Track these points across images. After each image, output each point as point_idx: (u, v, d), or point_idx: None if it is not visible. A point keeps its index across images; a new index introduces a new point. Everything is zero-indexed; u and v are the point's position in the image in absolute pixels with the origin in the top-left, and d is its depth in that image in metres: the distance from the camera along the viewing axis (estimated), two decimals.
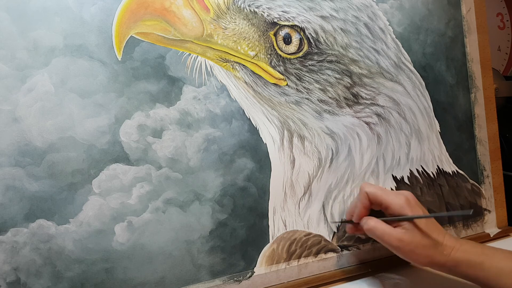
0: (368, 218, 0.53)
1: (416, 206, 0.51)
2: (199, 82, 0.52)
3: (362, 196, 0.53)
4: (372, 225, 0.51)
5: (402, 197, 0.52)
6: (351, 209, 0.55)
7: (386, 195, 0.52)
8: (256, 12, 0.54)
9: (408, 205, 0.51)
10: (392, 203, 0.51)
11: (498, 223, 0.71)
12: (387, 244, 0.51)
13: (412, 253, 0.49)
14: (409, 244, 0.49)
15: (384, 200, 0.52)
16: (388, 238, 0.50)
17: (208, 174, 0.52)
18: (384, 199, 0.52)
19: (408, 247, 0.49)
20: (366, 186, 0.54)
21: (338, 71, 0.59)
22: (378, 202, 0.53)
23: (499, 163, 0.72)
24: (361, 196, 0.54)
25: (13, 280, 0.43)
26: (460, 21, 0.71)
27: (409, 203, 0.51)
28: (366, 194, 0.53)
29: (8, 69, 0.43)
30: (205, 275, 0.51)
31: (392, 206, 0.51)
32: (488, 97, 0.72)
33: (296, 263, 0.55)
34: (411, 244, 0.49)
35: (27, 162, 0.43)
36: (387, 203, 0.52)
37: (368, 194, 0.53)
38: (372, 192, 0.53)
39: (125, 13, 0.48)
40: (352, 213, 0.55)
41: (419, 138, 0.65)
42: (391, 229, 0.50)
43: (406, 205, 0.51)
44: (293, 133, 0.57)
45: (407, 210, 0.50)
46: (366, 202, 0.53)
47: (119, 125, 0.48)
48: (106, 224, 0.46)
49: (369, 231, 0.52)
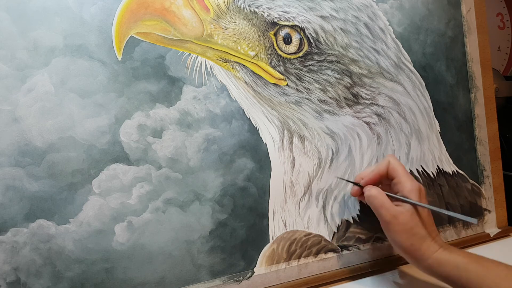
0: (372, 186, 0.53)
1: (423, 198, 0.52)
2: (199, 82, 0.52)
3: (383, 163, 0.54)
4: (374, 193, 0.51)
5: (417, 184, 0.52)
6: (364, 173, 0.55)
7: (404, 174, 0.52)
8: (256, 12, 0.54)
9: (418, 192, 0.51)
10: (406, 182, 0.51)
11: (498, 223, 0.71)
12: (380, 217, 0.51)
13: (398, 233, 0.49)
14: (400, 225, 0.49)
15: (400, 176, 0.52)
16: (384, 211, 0.50)
17: (208, 174, 0.52)
18: (401, 175, 0.52)
19: (398, 227, 0.49)
20: (391, 156, 0.55)
21: (338, 71, 0.59)
22: (393, 175, 0.53)
23: (499, 163, 0.72)
24: (381, 164, 0.54)
25: (13, 280, 0.43)
26: (460, 21, 0.71)
27: (420, 191, 0.51)
28: (388, 162, 0.54)
29: (8, 69, 0.43)
30: (205, 275, 0.51)
31: (404, 185, 0.51)
32: (488, 97, 0.72)
33: (296, 263, 0.55)
34: (402, 225, 0.49)
35: (27, 162, 0.43)
36: (401, 180, 0.52)
37: (390, 163, 0.54)
38: (394, 164, 0.53)
39: (125, 13, 0.48)
40: (364, 176, 0.55)
41: (419, 138, 0.65)
42: (390, 204, 0.50)
43: (417, 191, 0.51)
44: (293, 133, 0.57)
45: (415, 195, 0.50)
46: (384, 170, 0.54)
47: (119, 125, 0.48)
48: (106, 224, 0.46)
49: (369, 197, 0.52)
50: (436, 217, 0.65)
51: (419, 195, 0.51)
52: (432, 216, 0.52)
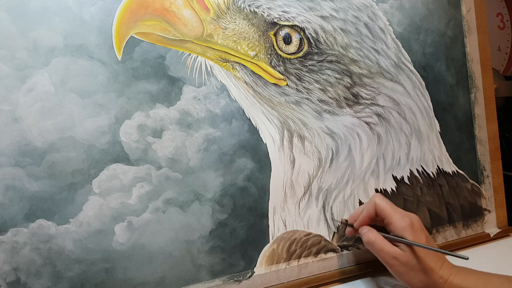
0: (369, 230, 0.53)
1: (419, 231, 0.51)
2: (199, 82, 0.52)
3: (370, 205, 0.54)
4: (371, 239, 0.52)
5: (408, 219, 0.51)
6: (356, 214, 0.55)
7: (393, 213, 0.52)
8: (256, 12, 0.54)
9: (411, 229, 0.51)
10: (396, 222, 0.51)
11: (498, 223, 0.71)
12: (382, 260, 0.51)
13: (405, 274, 0.50)
14: (404, 265, 0.49)
15: (389, 217, 0.52)
16: (384, 255, 0.51)
17: (208, 174, 0.52)
18: (389, 215, 0.52)
19: (402, 268, 0.50)
20: (377, 197, 0.54)
21: (338, 71, 0.59)
22: (383, 216, 0.53)
23: (499, 163, 0.72)
24: (369, 205, 0.54)
25: (13, 280, 0.43)
26: (460, 21, 0.71)
27: (413, 227, 0.51)
28: (375, 204, 0.53)
29: (8, 69, 0.43)
30: (205, 275, 0.51)
31: (395, 225, 0.51)
32: (488, 97, 0.72)
33: (296, 263, 0.55)
34: (406, 266, 0.49)
35: (27, 162, 0.43)
36: (391, 221, 0.52)
37: (376, 205, 0.53)
38: (381, 205, 0.53)
39: (125, 13, 0.48)
40: (356, 218, 0.55)
41: (419, 138, 0.65)
42: (389, 246, 0.51)
43: (409, 228, 0.51)
44: (293, 133, 0.57)
45: (408, 233, 0.50)
46: (372, 212, 0.53)
47: (119, 125, 0.48)
48: (106, 224, 0.46)
49: (367, 244, 0.52)
50: (435, 217, 0.65)
51: (412, 230, 0.50)
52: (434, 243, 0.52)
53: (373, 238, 0.52)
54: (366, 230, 0.53)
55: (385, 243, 0.51)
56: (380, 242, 0.51)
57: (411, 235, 0.50)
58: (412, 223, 0.51)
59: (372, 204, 0.54)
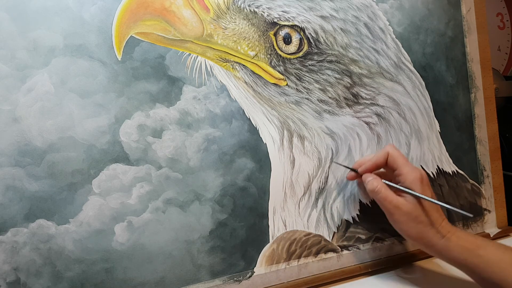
0: (374, 178, 0.53)
1: (426, 186, 0.52)
2: (199, 82, 0.52)
3: (382, 153, 0.54)
4: (377, 187, 0.52)
5: (418, 172, 0.52)
6: (363, 160, 0.56)
7: (404, 163, 0.52)
8: (256, 12, 0.54)
9: (420, 182, 0.51)
10: (407, 174, 0.52)
11: (498, 223, 0.71)
12: (384, 209, 0.52)
13: (404, 223, 0.50)
14: (405, 215, 0.50)
15: (401, 168, 0.52)
16: (388, 203, 0.51)
17: (208, 174, 0.52)
18: (401, 165, 0.52)
19: (402, 217, 0.50)
20: (390, 147, 0.55)
21: (338, 71, 0.59)
22: (394, 166, 0.53)
23: (499, 163, 0.72)
24: (380, 153, 0.54)
25: (13, 280, 0.43)
26: (460, 21, 0.71)
27: (422, 180, 0.51)
28: (387, 154, 0.54)
29: (8, 69, 0.43)
30: (205, 275, 0.51)
31: (405, 176, 0.52)
32: (488, 97, 0.72)
33: (296, 263, 0.55)
34: (407, 215, 0.50)
35: (27, 162, 0.43)
36: (402, 171, 0.52)
37: (389, 154, 0.54)
38: (394, 154, 0.53)
39: (125, 13, 0.48)
40: (362, 164, 0.55)
41: (419, 138, 0.65)
42: (392, 195, 0.51)
43: (418, 181, 0.51)
44: (293, 133, 0.57)
45: (417, 185, 0.51)
46: (382, 160, 0.54)
47: (119, 125, 0.48)
48: (106, 224, 0.46)
49: (372, 191, 0.53)
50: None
51: (421, 184, 0.51)
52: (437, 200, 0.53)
53: (379, 186, 0.52)
54: (371, 178, 0.53)
55: (389, 192, 0.51)
56: (385, 190, 0.52)
57: (419, 188, 0.51)
58: (422, 176, 0.52)
59: (384, 152, 0.54)
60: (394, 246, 0.62)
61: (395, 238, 0.62)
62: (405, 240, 0.61)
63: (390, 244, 0.61)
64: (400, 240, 0.62)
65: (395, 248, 0.62)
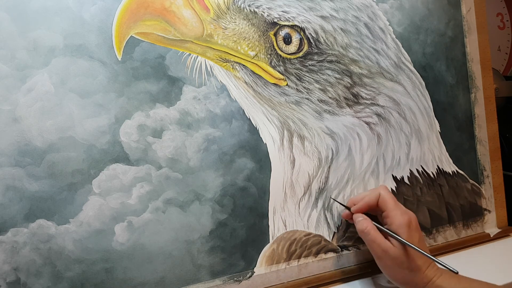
0: (364, 219, 0.54)
1: (414, 231, 0.52)
2: (199, 82, 0.52)
3: (374, 194, 0.54)
4: (366, 229, 0.52)
5: (406, 218, 0.52)
6: (356, 199, 0.56)
7: (394, 208, 0.53)
8: (256, 12, 0.54)
9: (408, 228, 0.51)
10: (395, 218, 0.52)
11: (498, 223, 0.71)
12: (372, 251, 0.52)
13: (391, 269, 0.51)
14: (391, 260, 0.50)
15: (390, 211, 0.53)
16: (376, 246, 0.51)
17: (208, 174, 0.52)
18: (390, 209, 0.53)
19: (390, 262, 0.51)
20: (383, 188, 0.55)
21: (338, 71, 0.59)
22: (384, 208, 0.54)
23: (499, 163, 0.72)
24: (372, 194, 0.55)
25: (13, 280, 0.43)
26: (460, 21, 0.71)
27: (410, 226, 0.52)
28: (379, 195, 0.54)
29: (8, 69, 0.43)
30: (205, 275, 0.51)
31: (393, 221, 0.52)
32: (488, 97, 0.72)
33: (296, 263, 0.55)
34: (394, 261, 0.50)
35: (27, 162, 0.43)
36: (390, 215, 0.53)
37: (380, 196, 0.54)
38: (384, 197, 0.54)
39: (125, 13, 0.48)
40: (355, 202, 0.56)
41: (419, 138, 0.65)
42: (381, 238, 0.51)
43: (406, 226, 0.51)
44: (293, 133, 0.57)
45: (404, 230, 0.51)
46: (374, 201, 0.54)
47: (119, 125, 0.48)
48: (106, 224, 0.46)
49: (361, 232, 0.53)
50: (435, 217, 0.65)
51: (408, 229, 0.51)
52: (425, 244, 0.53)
53: (368, 228, 0.52)
54: (361, 218, 0.54)
55: (378, 235, 0.52)
56: (374, 233, 0.52)
57: (406, 233, 0.51)
58: (410, 222, 0.52)
59: (376, 194, 0.54)
60: None
61: None
62: None
63: None
64: None
65: None
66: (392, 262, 0.50)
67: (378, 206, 0.54)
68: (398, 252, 0.50)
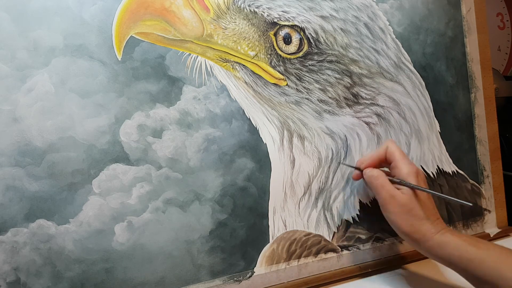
0: (373, 169, 0.54)
1: (422, 181, 0.52)
2: (199, 82, 0.52)
3: (382, 148, 0.55)
4: (375, 174, 0.52)
5: (414, 167, 0.52)
6: (365, 158, 0.56)
7: (401, 158, 0.53)
8: (256, 12, 0.54)
9: (416, 176, 0.51)
10: (403, 167, 0.52)
11: (498, 223, 0.71)
12: (379, 197, 0.52)
13: (397, 215, 0.50)
14: (398, 206, 0.50)
15: (397, 161, 0.53)
16: (384, 191, 0.51)
17: (208, 174, 0.52)
18: (397, 159, 0.53)
19: (396, 208, 0.50)
20: (390, 142, 0.55)
21: (338, 71, 0.59)
22: (390, 159, 0.54)
23: (499, 163, 0.72)
24: (380, 148, 0.55)
25: (13, 280, 0.43)
26: (460, 21, 0.71)
27: (418, 174, 0.52)
28: (386, 148, 0.55)
29: (8, 69, 0.43)
30: (205, 275, 0.51)
31: (401, 170, 0.52)
32: (488, 97, 0.72)
33: (296, 263, 0.55)
34: (401, 206, 0.49)
35: (27, 162, 0.43)
36: (398, 165, 0.53)
37: (387, 148, 0.54)
38: (392, 149, 0.54)
39: (125, 13, 0.48)
40: (364, 161, 0.56)
41: (419, 138, 0.65)
42: (389, 185, 0.51)
43: (414, 174, 0.51)
44: (293, 133, 0.57)
45: (412, 178, 0.51)
46: (382, 154, 0.55)
47: (119, 125, 0.48)
48: (106, 224, 0.46)
49: (370, 178, 0.53)
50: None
51: (417, 178, 0.51)
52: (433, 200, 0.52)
53: (376, 173, 0.52)
54: (371, 169, 0.54)
55: (387, 181, 0.52)
56: (384, 178, 0.52)
57: (415, 181, 0.51)
58: (418, 171, 0.52)
59: (384, 147, 0.55)
60: (394, 246, 0.62)
61: (395, 238, 0.62)
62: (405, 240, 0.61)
63: (390, 244, 0.61)
64: (400, 240, 0.62)
65: (395, 248, 0.62)
66: (400, 209, 0.49)
67: (386, 159, 0.54)
68: (407, 198, 0.50)
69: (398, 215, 0.50)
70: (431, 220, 0.49)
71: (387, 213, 0.51)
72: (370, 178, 0.53)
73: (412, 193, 0.50)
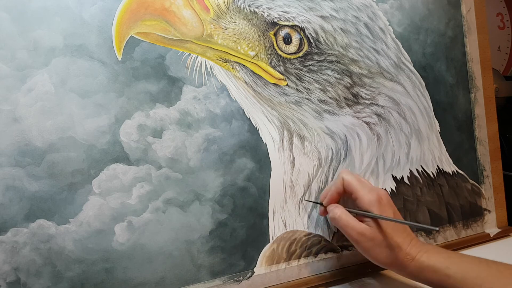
0: (335, 206, 0.52)
1: (386, 206, 0.50)
2: (199, 82, 0.52)
3: (338, 181, 0.53)
4: (337, 215, 0.51)
5: (375, 194, 0.50)
6: (325, 192, 0.55)
7: (360, 187, 0.51)
8: (256, 12, 0.54)
9: (378, 203, 0.49)
10: (363, 197, 0.50)
11: (498, 223, 0.71)
12: (348, 236, 0.50)
13: (371, 250, 0.49)
14: (370, 241, 0.48)
15: (356, 191, 0.51)
16: (350, 230, 0.49)
17: (208, 174, 0.52)
18: (356, 190, 0.51)
19: (369, 243, 0.48)
20: (344, 172, 0.53)
21: (338, 71, 0.59)
22: (350, 191, 0.52)
23: (499, 163, 0.72)
24: (337, 181, 0.53)
25: (13, 280, 0.43)
26: (460, 21, 0.71)
27: (380, 201, 0.50)
28: (342, 180, 0.53)
29: (8, 69, 0.43)
30: (205, 275, 0.51)
31: (362, 200, 0.50)
32: (488, 97, 0.72)
33: (296, 263, 0.55)
34: (372, 241, 0.48)
35: (27, 162, 0.43)
36: (358, 195, 0.51)
37: (344, 181, 0.52)
38: (348, 180, 0.52)
39: (125, 13, 0.48)
40: (326, 196, 0.54)
41: (419, 138, 0.65)
42: (354, 222, 0.50)
43: (376, 202, 0.49)
44: (293, 133, 0.57)
45: (375, 207, 0.49)
46: (340, 187, 0.53)
47: (119, 125, 0.48)
48: (106, 224, 0.46)
49: (333, 220, 0.52)
50: (435, 217, 0.65)
51: (379, 205, 0.49)
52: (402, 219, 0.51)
53: (339, 213, 0.50)
54: (333, 207, 0.52)
55: (350, 218, 0.50)
56: (346, 217, 0.50)
57: (378, 210, 0.49)
58: (380, 198, 0.50)
59: (339, 179, 0.53)
60: None
61: None
62: None
63: None
64: None
65: None
66: (371, 243, 0.48)
67: (345, 191, 0.52)
68: (374, 231, 0.48)
69: (372, 250, 0.49)
70: (406, 245, 0.48)
71: (361, 251, 0.50)
72: (333, 221, 0.52)
73: (376, 224, 0.49)
